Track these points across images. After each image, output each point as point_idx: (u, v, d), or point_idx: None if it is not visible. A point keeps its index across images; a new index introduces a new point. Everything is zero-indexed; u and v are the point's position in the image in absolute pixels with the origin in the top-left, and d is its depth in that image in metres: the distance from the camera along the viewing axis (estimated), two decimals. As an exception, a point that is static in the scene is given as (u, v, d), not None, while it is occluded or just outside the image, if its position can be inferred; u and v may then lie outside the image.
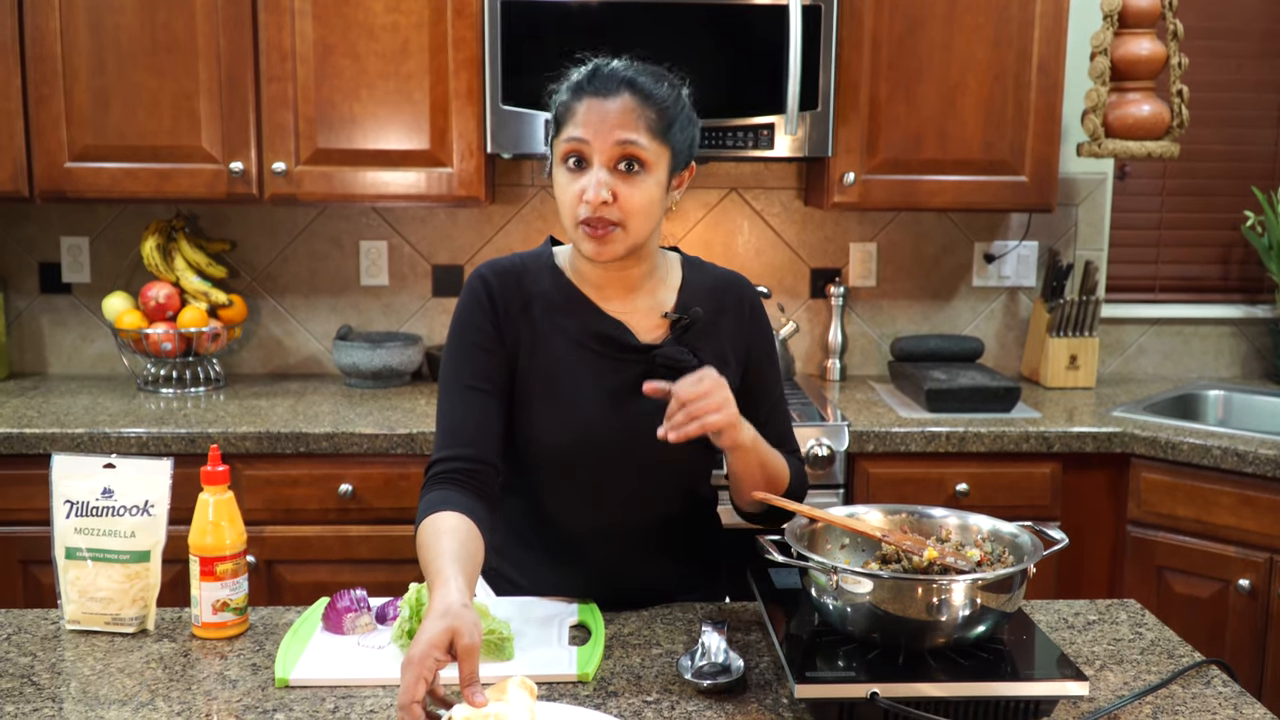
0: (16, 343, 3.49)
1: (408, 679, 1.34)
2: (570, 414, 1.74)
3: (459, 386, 1.73)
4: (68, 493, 1.72)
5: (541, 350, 1.75)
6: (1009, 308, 3.62)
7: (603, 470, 1.77)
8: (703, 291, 1.82)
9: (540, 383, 1.74)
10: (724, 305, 1.83)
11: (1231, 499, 2.79)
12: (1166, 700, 1.52)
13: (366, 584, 1.91)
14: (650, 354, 1.76)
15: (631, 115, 1.64)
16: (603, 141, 1.63)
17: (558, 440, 1.74)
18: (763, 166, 3.50)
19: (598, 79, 1.67)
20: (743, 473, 1.73)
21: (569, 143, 1.65)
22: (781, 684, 1.55)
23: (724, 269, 1.89)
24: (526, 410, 1.75)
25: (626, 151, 1.64)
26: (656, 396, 1.63)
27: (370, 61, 3.01)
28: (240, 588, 1.70)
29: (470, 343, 1.74)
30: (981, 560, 1.54)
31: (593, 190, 1.63)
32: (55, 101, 2.99)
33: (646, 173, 1.66)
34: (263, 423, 2.87)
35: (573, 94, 1.67)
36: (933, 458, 2.92)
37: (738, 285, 1.87)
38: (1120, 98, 3.23)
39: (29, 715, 1.46)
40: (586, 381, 1.74)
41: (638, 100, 1.65)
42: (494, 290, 1.75)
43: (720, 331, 1.81)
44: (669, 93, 1.70)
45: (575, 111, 1.66)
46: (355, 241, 3.48)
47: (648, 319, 1.78)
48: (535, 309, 1.76)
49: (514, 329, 1.75)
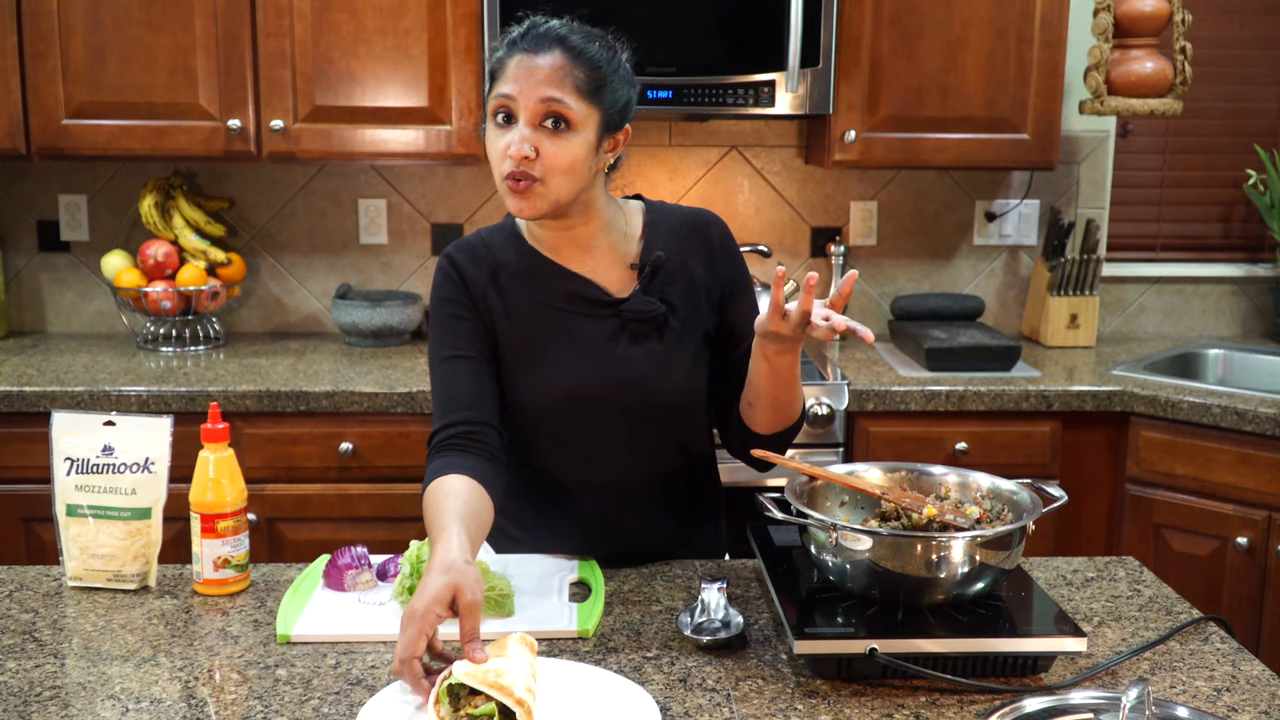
0: (15, 301, 3.48)
1: (409, 634, 1.34)
2: (553, 373, 1.75)
3: (446, 358, 1.74)
4: (68, 450, 1.72)
5: (516, 317, 1.76)
6: (1009, 266, 3.61)
7: (591, 425, 1.77)
8: (667, 235, 1.81)
9: (520, 346, 1.75)
10: (690, 246, 1.81)
11: (1230, 457, 2.80)
12: (1164, 656, 1.53)
13: (367, 541, 1.92)
14: (620, 307, 1.75)
15: (559, 73, 1.63)
16: (528, 98, 1.62)
17: (543, 400, 1.76)
18: (763, 124, 3.47)
19: (530, 36, 1.66)
20: (773, 373, 1.65)
21: (497, 99, 1.65)
22: (781, 640, 1.55)
23: (690, 208, 1.86)
24: (511, 374, 1.76)
25: (551, 109, 1.63)
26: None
27: (368, 17, 2.98)
28: (241, 545, 1.70)
29: (448, 315, 1.76)
30: (981, 517, 1.55)
31: (515, 145, 1.62)
32: (51, 57, 2.96)
33: (573, 132, 1.64)
34: (263, 381, 2.86)
35: (506, 50, 1.67)
36: (932, 416, 2.92)
37: (704, 222, 1.84)
38: (1123, 54, 3.20)
39: (31, 671, 1.46)
40: (564, 341, 1.75)
41: (568, 58, 1.64)
42: (461, 266, 1.77)
43: (691, 272, 1.80)
44: (601, 53, 1.67)
45: (506, 67, 1.65)
46: (354, 199, 3.46)
47: (614, 271, 1.78)
48: (502, 278, 1.77)
49: (485, 300, 1.76)
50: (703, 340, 1.80)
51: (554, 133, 1.63)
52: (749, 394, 1.74)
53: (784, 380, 1.68)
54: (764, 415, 1.73)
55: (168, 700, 1.40)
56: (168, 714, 1.36)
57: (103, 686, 1.43)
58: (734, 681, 1.44)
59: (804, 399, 1.80)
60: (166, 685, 1.43)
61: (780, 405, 1.72)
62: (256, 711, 1.37)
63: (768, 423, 1.74)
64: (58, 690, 1.42)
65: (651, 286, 1.77)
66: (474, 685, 1.29)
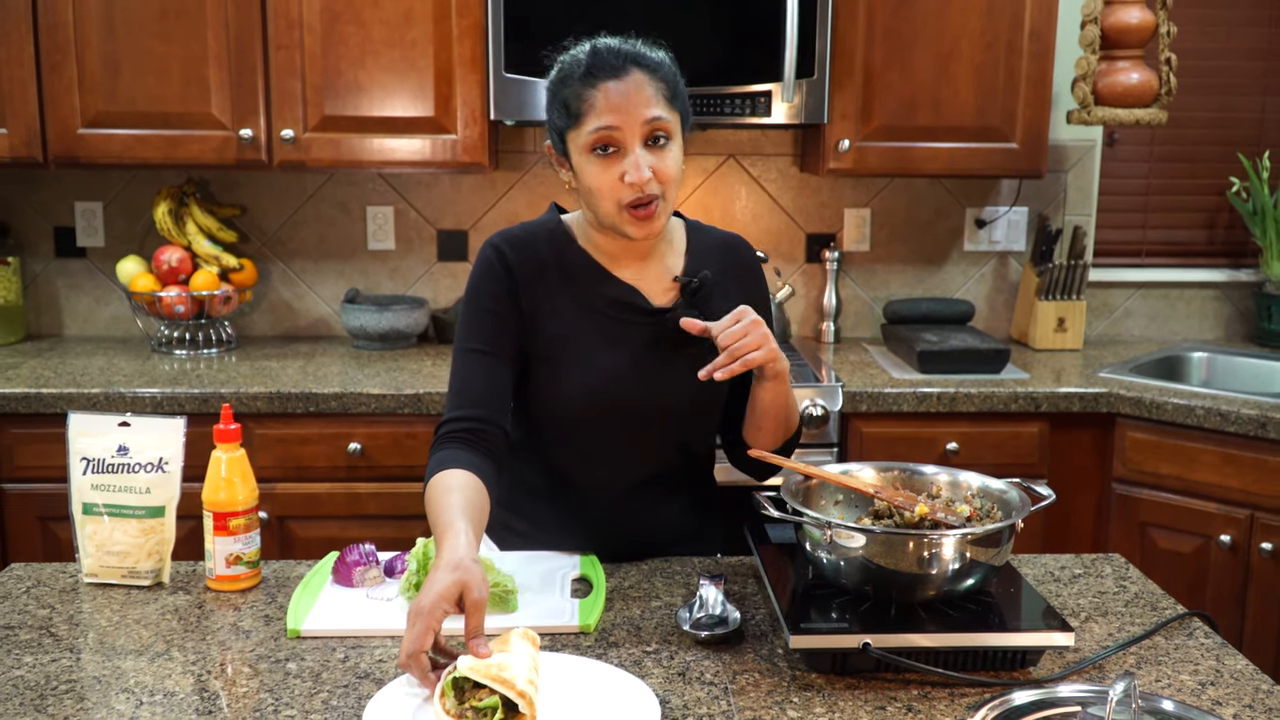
0: (33, 305, 3.48)
1: (416, 629, 1.34)
2: (586, 375, 1.74)
3: (469, 350, 1.74)
4: (84, 450, 1.72)
5: (557, 315, 1.75)
6: (999, 271, 3.61)
7: (611, 428, 1.77)
8: (708, 254, 1.83)
9: (556, 346, 1.75)
10: (727, 266, 1.84)
11: (1214, 457, 2.80)
12: (1150, 651, 1.53)
13: (374, 539, 1.92)
14: (663, 317, 1.76)
15: (648, 90, 1.63)
16: (632, 123, 1.62)
17: (573, 400, 1.75)
18: (760, 133, 3.47)
19: (604, 63, 1.63)
20: (769, 407, 1.74)
21: (599, 133, 1.62)
22: (777, 635, 1.55)
23: (725, 231, 1.90)
24: (543, 371, 1.76)
25: (655, 128, 1.63)
26: (693, 333, 1.67)
27: (375, 29, 2.98)
28: (252, 542, 1.70)
29: (483, 308, 1.74)
30: (971, 516, 1.55)
31: (635, 172, 1.61)
32: (68, 69, 2.96)
33: (672, 142, 1.66)
34: (273, 383, 2.86)
35: (582, 83, 1.63)
36: (924, 417, 2.92)
37: (739, 246, 1.89)
38: (1110, 66, 3.20)
39: (48, 665, 1.46)
40: (601, 345, 1.75)
41: (647, 74, 1.64)
42: (508, 259, 1.75)
43: (727, 292, 1.82)
44: (665, 59, 1.70)
45: (592, 99, 1.62)
46: (362, 207, 3.46)
47: (659, 283, 1.79)
48: (549, 276, 1.76)
49: (530, 295, 1.75)
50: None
51: (659, 148, 1.64)
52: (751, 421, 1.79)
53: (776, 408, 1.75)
54: (768, 437, 1.79)
55: (181, 693, 1.40)
56: (181, 707, 1.36)
57: (117, 680, 1.43)
58: (731, 675, 1.44)
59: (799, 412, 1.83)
60: (180, 678, 1.43)
61: (778, 427, 1.78)
62: (267, 704, 1.37)
63: (772, 442, 1.80)
64: (73, 683, 1.42)
65: (695, 300, 1.78)
66: (478, 679, 1.29)
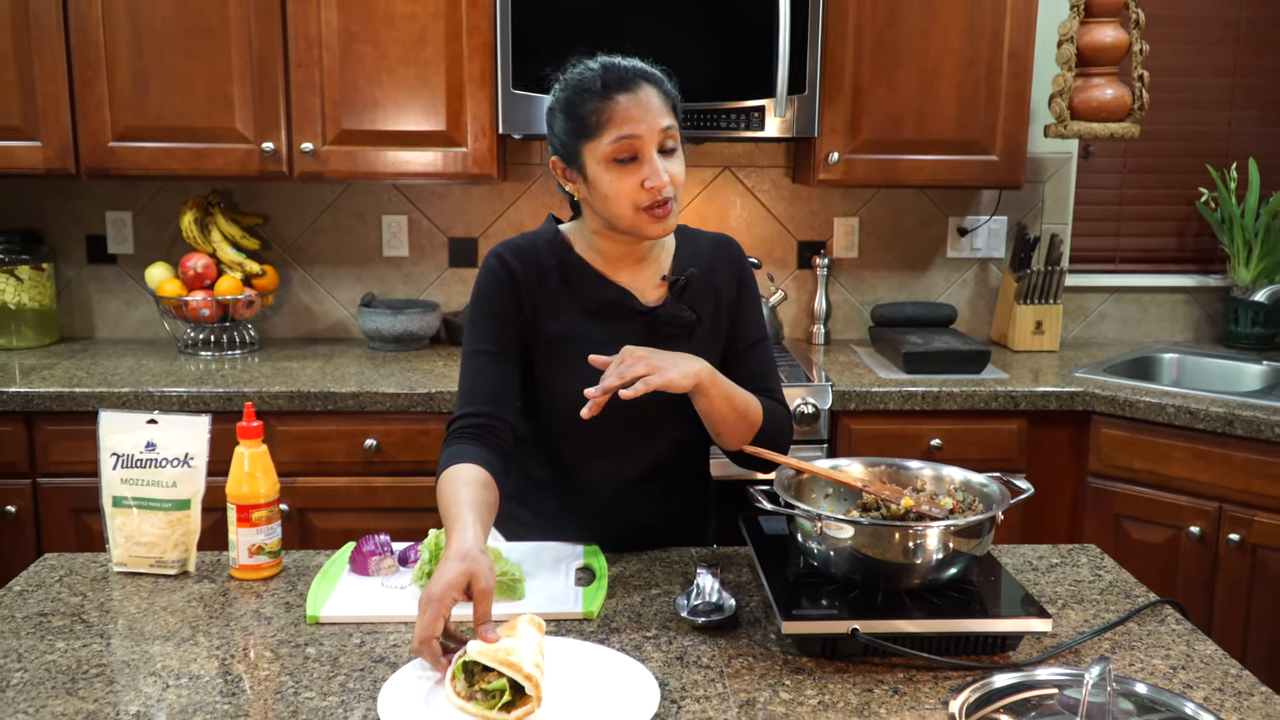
0: (66, 309, 3.48)
1: (427, 616, 1.34)
2: (585, 374, 1.74)
3: (477, 352, 1.74)
4: (114, 446, 1.72)
5: (557, 319, 1.76)
6: (980, 277, 3.60)
7: (613, 422, 1.77)
8: (697, 254, 1.83)
9: (558, 344, 1.76)
10: (716, 264, 1.84)
11: (1184, 453, 2.79)
12: (1124, 637, 1.53)
13: (389, 530, 1.91)
14: (653, 314, 1.77)
15: (658, 102, 1.66)
16: (650, 131, 1.64)
17: (574, 398, 1.74)
18: (754, 146, 3.47)
19: (618, 79, 1.65)
20: (709, 411, 1.70)
21: (622, 142, 1.63)
22: (770, 621, 1.55)
23: (712, 232, 1.90)
24: (546, 370, 1.77)
25: (668, 135, 1.66)
26: (600, 367, 1.62)
27: (390, 48, 2.98)
28: (274, 533, 1.70)
29: (487, 312, 1.75)
30: (954, 508, 1.54)
31: (656, 178, 1.64)
32: (99, 85, 2.97)
33: (679, 148, 1.69)
34: (294, 382, 2.86)
35: (599, 99, 1.64)
36: (909, 415, 2.92)
37: (726, 244, 1.88)
38: (1085, 82, 3.20)
39: (79, 650, 1.47)
40: (599, 344, 1.74)
41: (655, 88, 1.67)
42: (512, 267, 1.76)
43: (716, 288, 1.83)
44: (665, 76, 1.72)
45: (612, 112, 1.63)
46: (378, 216, 3.46)
47: (649, 283, 1.80)
48: (550, 281, 1.77)
49: (532, 299, 1.76)
50: (719, 349, 1.83)
51: (670, 155, 1.67)
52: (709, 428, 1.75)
53: (718, 414, 1.69)
54: (731, 437, 1.74)
55: (205, 676, 1.40)
56: (206, 689, 1.36)
57: (145, 664, 1.43)
58: (727, 659, 1.44)
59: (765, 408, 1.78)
60: (204, 663, 1.43)
61: (733, 429, 1.72)
62: (288, 686, 1.37)
63: (738, 440, 1.75)
64: (104, 667, 1.42)
65: (683, 297, 1.79)
66: (486, 663, 1.29)
